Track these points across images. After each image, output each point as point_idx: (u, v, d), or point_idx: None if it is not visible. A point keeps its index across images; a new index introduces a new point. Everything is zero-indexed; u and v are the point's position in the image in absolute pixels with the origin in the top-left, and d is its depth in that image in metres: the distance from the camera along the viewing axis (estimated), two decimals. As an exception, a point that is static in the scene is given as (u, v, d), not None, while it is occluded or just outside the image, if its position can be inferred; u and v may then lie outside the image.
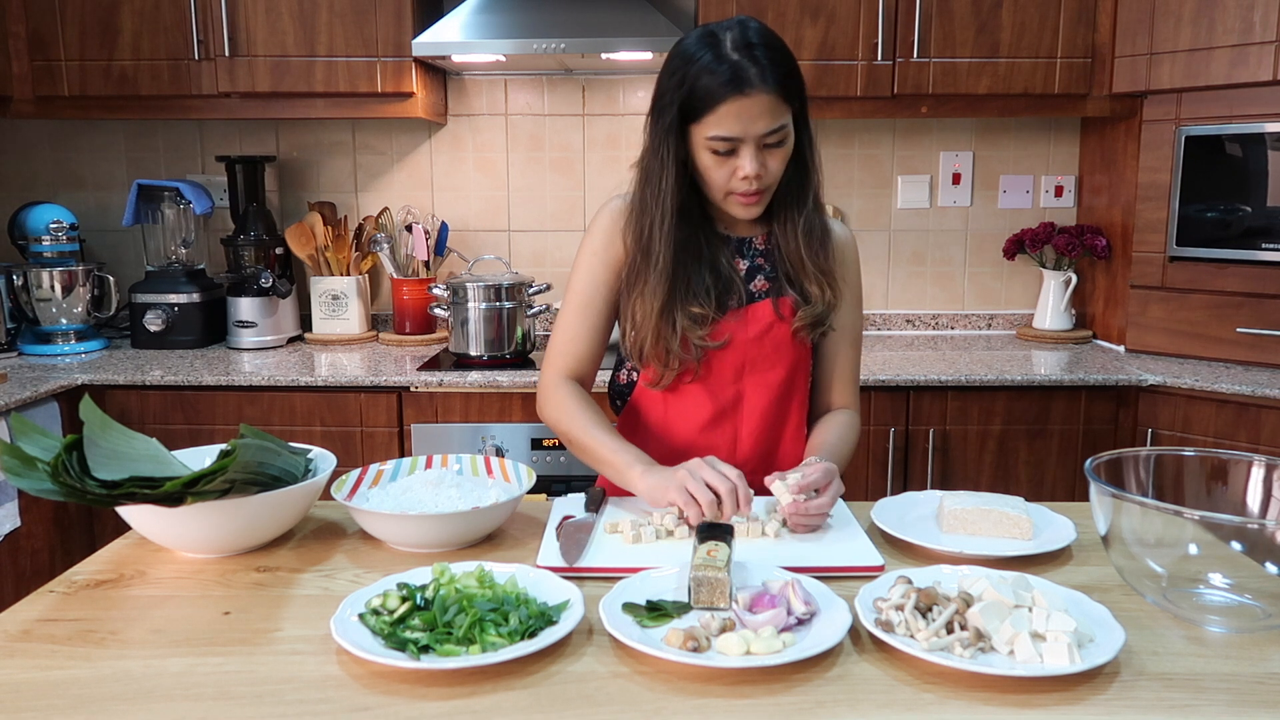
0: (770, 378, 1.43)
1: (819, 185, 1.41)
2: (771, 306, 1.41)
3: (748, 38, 1.26)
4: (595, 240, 1.44)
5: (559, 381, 1.44)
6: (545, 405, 1.45)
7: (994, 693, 0.84)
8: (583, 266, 1.44)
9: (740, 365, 1.42)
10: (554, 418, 1.43)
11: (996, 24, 2.50)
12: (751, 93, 1.24)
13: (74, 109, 2.61)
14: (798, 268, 1.41)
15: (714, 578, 0.98)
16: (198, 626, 0.98)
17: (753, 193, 1.32)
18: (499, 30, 2.46)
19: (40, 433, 1.11)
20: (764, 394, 1.43)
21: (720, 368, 1.41)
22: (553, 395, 1.43)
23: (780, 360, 1.43)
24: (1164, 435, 2.31)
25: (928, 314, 3.00)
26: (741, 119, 1.26)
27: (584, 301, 1.43)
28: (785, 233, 1.40)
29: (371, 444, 2.36)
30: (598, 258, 1.43)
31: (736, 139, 1.27)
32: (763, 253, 1.44)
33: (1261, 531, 0.96)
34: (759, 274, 1.43)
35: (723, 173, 1.31)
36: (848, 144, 2.93)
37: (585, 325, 1.44)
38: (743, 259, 1.43)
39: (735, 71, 1.24)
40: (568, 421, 1.40)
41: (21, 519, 2.17)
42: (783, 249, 1.41)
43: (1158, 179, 2.49)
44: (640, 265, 1.37)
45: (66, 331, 2.65)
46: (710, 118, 1.27)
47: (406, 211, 2.93)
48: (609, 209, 1.44)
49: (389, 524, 1.17)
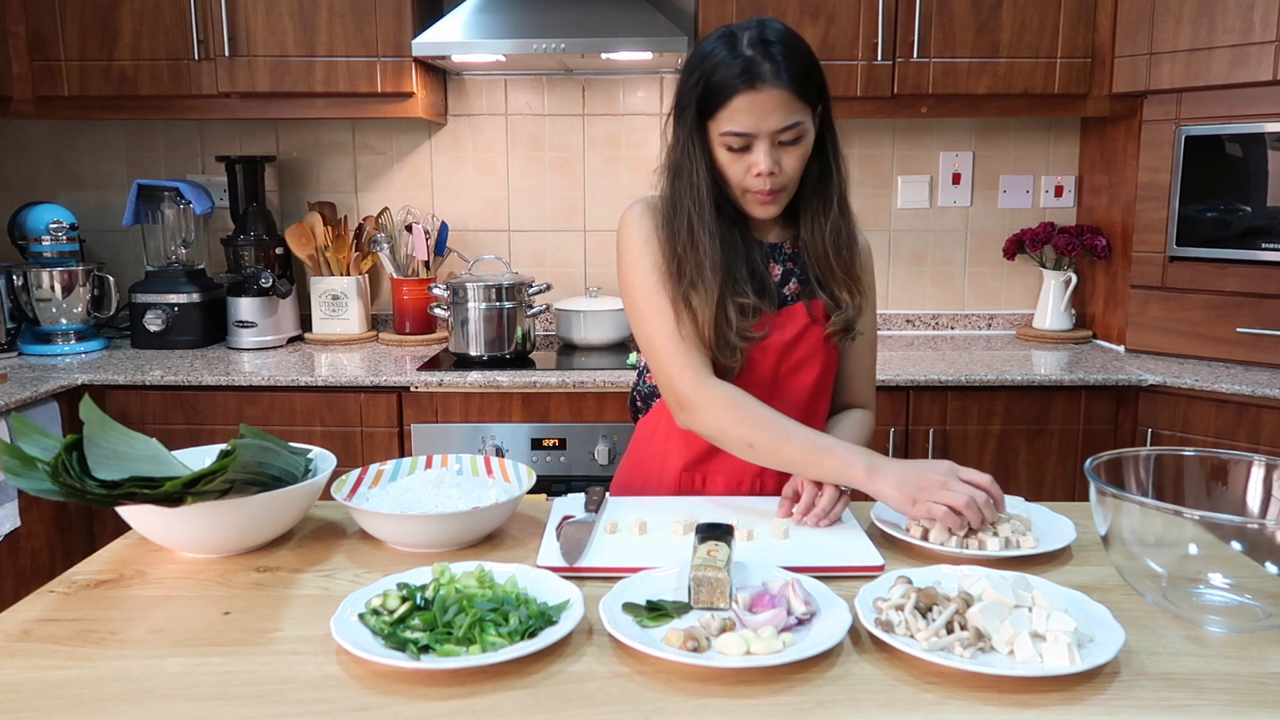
0: (803, 379, 1.43)
1: (845, 188, 1.40)
2: (805, 309, 1.41)
3: (764, 35, 1.27)
4: (639, 243, 1.37)
5: (702, 381, 1.31)
6: (699, 411, 1.31)
7: (994, 693, 0.84)
8: (641, 271, 1.36)
9: (775, 367, 1.41)
10: (718, 422, 1.30)
11: (996, 24, 2.50)
12: (763, 87, 1.25)
13: (74, 109, 2.61)
14: (826, 274, 1.40)
15: (714, 578, 0.98)
16: (198, 626, 0.98)
17: (768, 191, 1.31)
18: (499, 30, 2.46)
19: (40, 433, 1.11)
20: (796, 396, 1.43)
21: (756, 369, 1.39)
22: (707, 397, 1.30)
23: (812, 363, 1.42)
24: (1164, 435, 2.31)
25: (928, 314, 3.00)
26: (754, 114, 1.26)
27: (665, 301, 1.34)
28: (813, 237, 1.40)
29: (371, 444, 2.36)
30: (651, 259, 1.36)
31: (749, 134, 1.27)
32: (792, 257, 1.43)
33: (1261, 531, 0.96)
34: (791, 278, 1.42)
35: (738, 169, 1.31)
36: (848, 144, 2.85)
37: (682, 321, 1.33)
38: (775, 264, 1.42)
39: (747, 66, 1.25)
40: (745, 424, 1.28)
41: (21, 519, 2.17)
42: (811, 253, 1.41)
43: (1158, 179, 2.49)
44: (685, 261, 1.33)
45: (66, 331, 2.65)
46: (723, 113, 1.27)
47: (406, 211, 2.93)
48: (635, 215, 1.40)
49: (389, 524, 1.17)
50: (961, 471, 1.18)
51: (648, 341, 1.37)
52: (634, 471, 1.53)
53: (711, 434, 1.32)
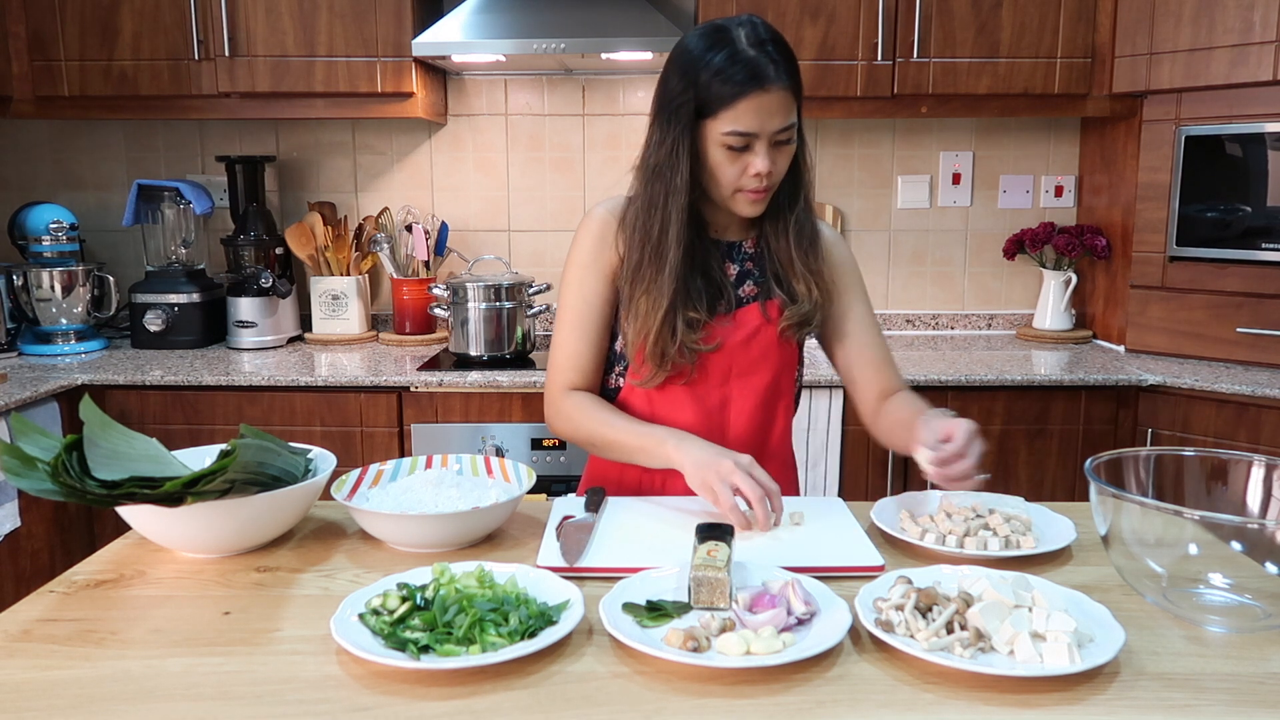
0: (756, 381, 1.44)
1: (810, 186, 1.43)
2: (759, 310, 1.42)
3: (759, 34, 1.28)
4: (584, 252, 1.43)
5: (563, 395, 1.44)
6: (556, 419, 1.45)
7: (994, 693, 0.84)
8: (574, 279, 1.44)
9: (727, 369, 1.42)
10: (568, 428, 1.43)
11: (996, 24, 2.50)
12: (770, 88, 1.26)
13: (74, 109, 2.61)
14: (786, 267, 1.42)
15: (714, 578, 0.98)
16: (198, 626, 0.98)
17: (761, 190, 1.33)
18: (499, 30, 2.46)
19: (40, 433, 1.11)
20: (750, 397, 1.44)
21: (708, 372, 1.42)
22: (562, 408, 1.43)
23: (766, 364, 1.44)
24: (1164, 435, 2.31)
25: (928, 314, 3.00)
26: (759, 115, 1.27)
27: (579, 316, 1.43)
28: (776, 232, 1.42)
29: (371, 444, 2.36)
30: (589, 269, 1.42)
31: (752, 134, 1.28)
32: (751, 256, 1.45)
33: (1261, 531, 0.96)
34: (747, 279, 1.44)
35: (734, 169, 1.31)
36: (848, 144, 2.92)
37: (584, 339, 1.43)
38: (732, 263, 1.44)
39: (755, 67, 1.26)
40: (585, 426, 1.40)
41: (21, 519, 2.17)
42: (772, 248, 1.43)
43: (1158, 179, 2.49)
44: (647, 265, 1.36)
45: (66, 331, 2.65)
46: (727, 113, 1.27)
47: (406, 211, 2.93)
48: (595, 218, 1.43)
49: (389, 524, 1.17)
50: (756, 470, 1.23)
51: (552, 344, 1.47)
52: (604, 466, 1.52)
53: (567, 439, 1.46)
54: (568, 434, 1.44)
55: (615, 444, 1.37)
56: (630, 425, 1.37)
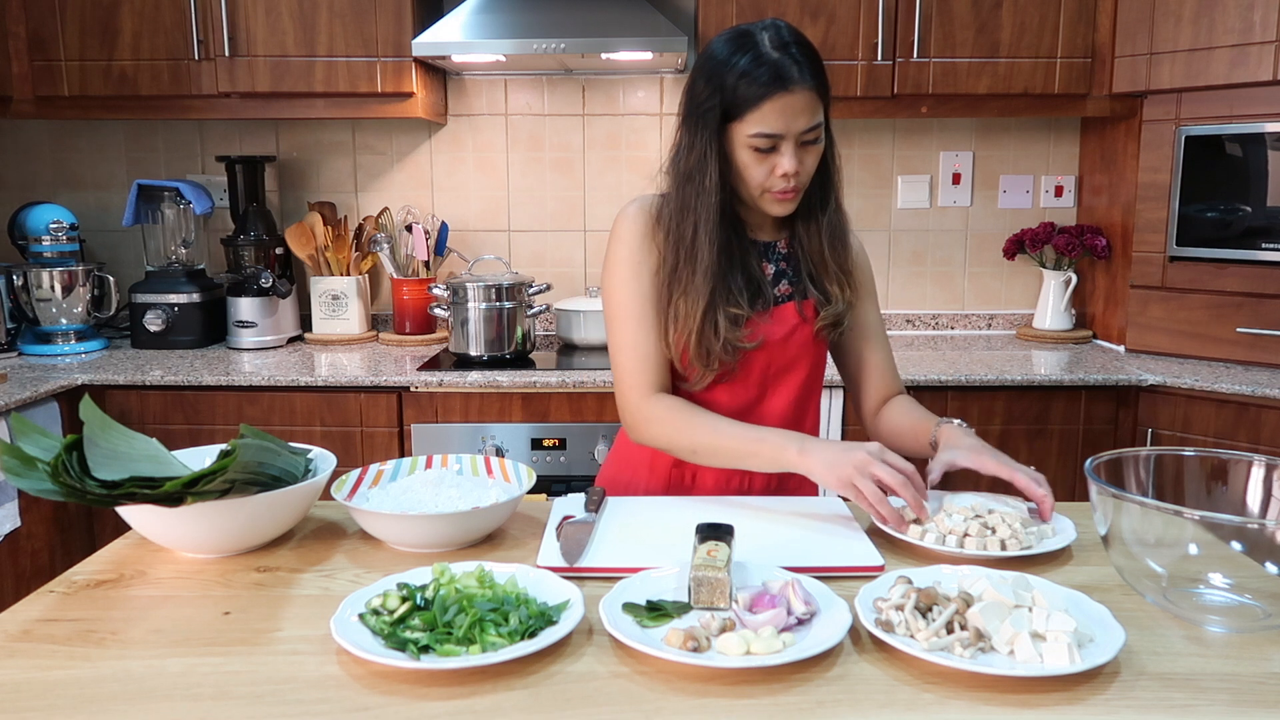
0: (792, 379, 1.46)
1: (840, 186, 1.43)
2: (795, 309, 1.43)
3: (783, 37, 1.30)
4: (627, 248, 1.40)
5: (648, 399, 1.38)
6: (642, 426, 1.38)
7: (994, 693, 0.84)
8: (626, 276, 1.40)
9: (765, 366, 1.44)
10: (661, 434, 1.37)
11: (996, 24, 2.50)
12: (795, 89, 1.27)
13: (74, 109, 2.61)
14: (820, 268, 1.43)
15: (714, 578, 0.98)
16: (198, 626, 0.98)
17: (789, 190, 1.33)
18: (499, 30, 2.46)
19: (40, 433, 1.11)
20: (785, 395, 1.46)
21: (746, 369, 1.42)
22: (650, 413, 1.37)
23: (802, 362, 1.46)
24: (1164, 435, 2.31)
25: (928, 314, 3.00)
26: (784, 116, 1.28)
27: (638, 311, 1.39)
28: (809, 233, 1.43)
29: (371, 444, 2.36)
30: (641, 265, 1.40)
31: (778, 136, 1.29)
32: (785, 256, 1.46)
33: (1261, 531, 0.96)
34: (783, 279, 1.45)
35: (761, 170, 1.32)
36: (848, 144, 2.92)
37: (649, 334, 1.39)
38: (768, 263, 1.45)
39: (779, 69, 1.27)
40: (685, 432, 1.34)
41: (21, 519, 2.17)
42: (806, 249, 1.44)
43: (1158, 179, 2.49)
44: (683, 266, 1.36)
45: (66, 331, 2.65)
46: (753, 115, 1.28)
47: (406, 211, 2.93)
48: (630, 215, 1.42)
49: (389, 524, 1.17)
50: (888, 454, 1.21)
51: (614, 347, 1.42)
52: (622, 466, 1.54)
53: (658, 446, 1.39)
54: (660, 440, 1.37)
55: (722, 450, 1.32)
56: (738, 430, 1.32)
